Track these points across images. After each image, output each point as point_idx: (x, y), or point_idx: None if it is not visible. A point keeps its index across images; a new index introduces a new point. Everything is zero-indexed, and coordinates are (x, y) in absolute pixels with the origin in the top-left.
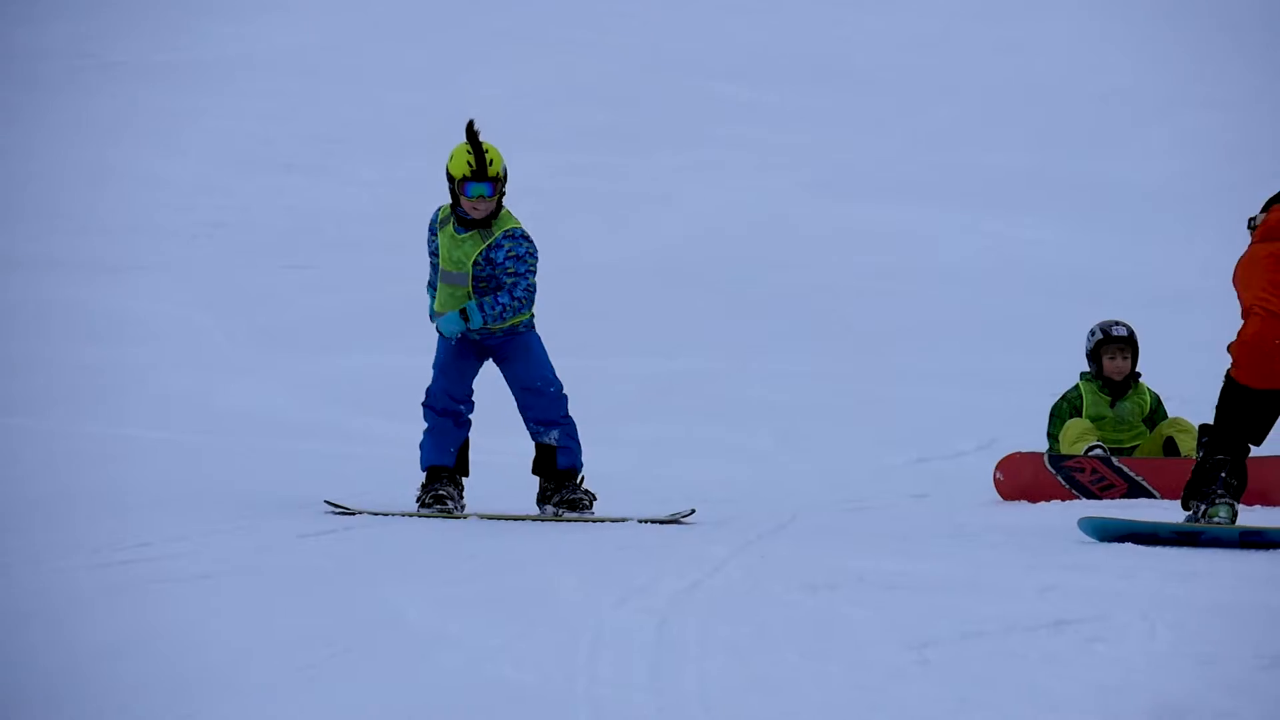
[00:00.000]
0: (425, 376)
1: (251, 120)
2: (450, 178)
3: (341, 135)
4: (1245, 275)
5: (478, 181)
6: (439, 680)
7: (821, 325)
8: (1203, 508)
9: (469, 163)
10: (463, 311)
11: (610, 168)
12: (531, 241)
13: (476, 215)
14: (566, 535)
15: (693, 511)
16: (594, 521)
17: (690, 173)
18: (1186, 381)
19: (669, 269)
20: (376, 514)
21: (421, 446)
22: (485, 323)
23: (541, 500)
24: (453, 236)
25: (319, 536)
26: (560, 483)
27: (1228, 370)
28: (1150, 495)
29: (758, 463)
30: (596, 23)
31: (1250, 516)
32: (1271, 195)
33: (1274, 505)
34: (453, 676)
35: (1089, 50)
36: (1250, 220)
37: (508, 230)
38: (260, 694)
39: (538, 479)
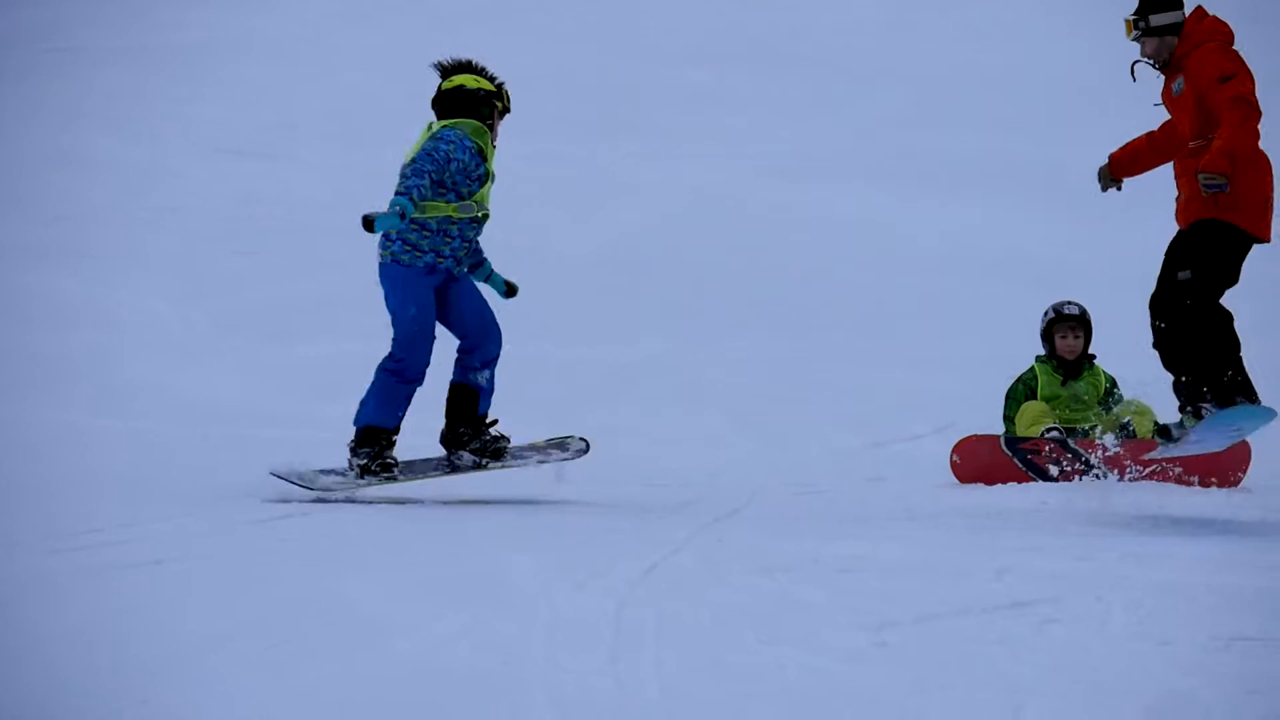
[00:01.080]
0: (375, 363)
1: (205, 105)
2: (493, 94)
3: (296, 120)
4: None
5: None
6: (393, 667)
7: (778, 309)
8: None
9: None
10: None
11: (568, 154)
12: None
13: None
14: (522, 518)
15: (585, 445)
16: (506, 467)
17: (648, 158)
18: (1144, 365)
19: (628, 255)
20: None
21: (365, 404)
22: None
23: (454, 444)
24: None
25: (272, 522)
26: (479, 428)
27: (1216, 225)
28: (1105, 478)
29: (714, 447)
30: (555, 9)
31: (1204, 498)
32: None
33: (1229, 486)
34: (407, 663)
35: (1047, 35)
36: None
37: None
38: (213, 680)
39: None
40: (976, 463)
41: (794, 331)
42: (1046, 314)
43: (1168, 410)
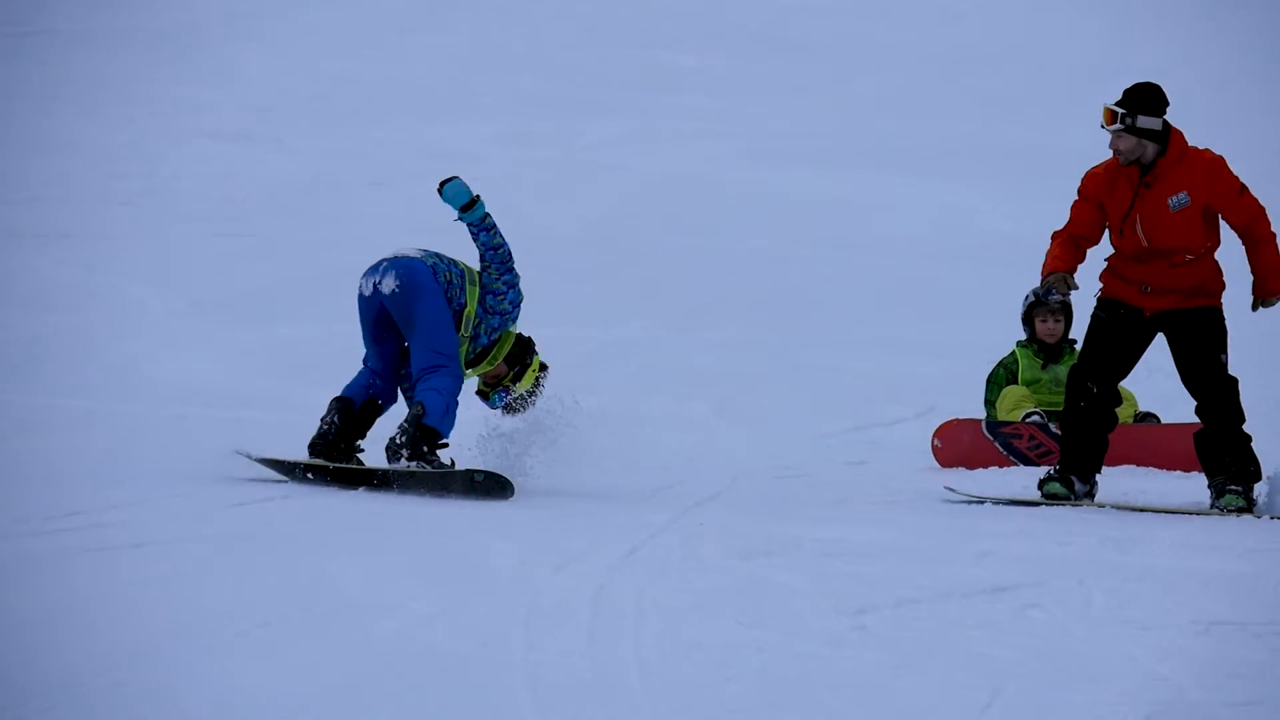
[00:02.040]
0: (354, 344)
1: (184, 88)
2: None
3: (273, 103)
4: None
5: None
6: (375, 649)
7: (759, 293)
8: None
9: None
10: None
11: (549, 136)
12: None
13: None
14: (502, 504)
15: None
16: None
17: (630, 141)
18: None
19: (606, 236)
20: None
21: (439, 411)
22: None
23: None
24: None
25: (253, 505)
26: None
27: (1218, 317)
28: None
29: (695, 431)
30: None
31: (1184, 483)
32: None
33: (1191, 470)
34: (389, 645)
35: (1030, 19)
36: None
37: None
38: (193, 663)
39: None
40: (958, 447)
41: (774, 315)
42: (1028, 297)
43: (1147, 398)
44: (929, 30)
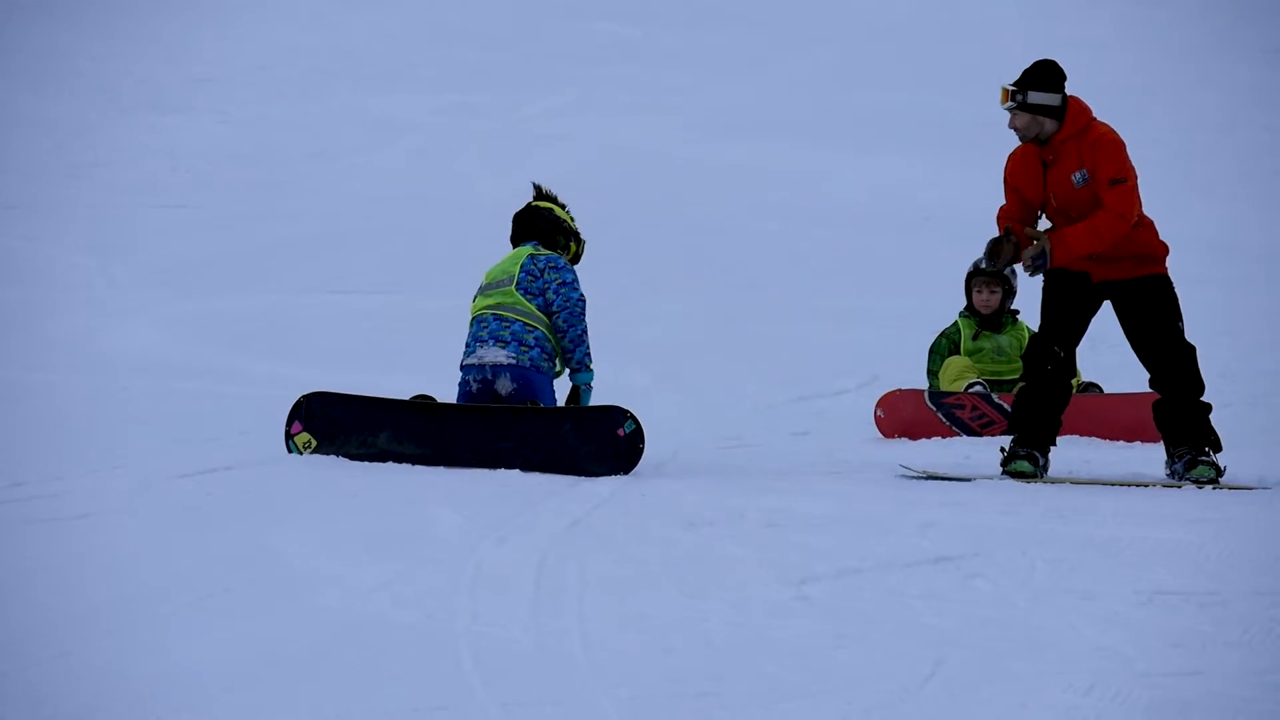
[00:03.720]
0: (303, 315)
1: (126, 60)
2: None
3: (215, 74)
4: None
5: None
6: (318, 619)
7: (702, 264)
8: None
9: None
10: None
11: (493, 107)
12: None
13: None
14: (445, 476)
15: None
16: None
17: (571, 113)
18: None
19: None
20: None
21: None
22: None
23: None
24: None
25: (198, 476)
26: None
27: (1168, 285)
28: None
29: (638, 401)
30: None
31: (1128, 453)
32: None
33: (1151, 441)
34: (332, 615)
35: None
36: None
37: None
38: (137, 634)
39: None
40: (901, 417)
41: (717, 286)
42: (969, 268)
43: (1091, 368)
44: (871, 2)
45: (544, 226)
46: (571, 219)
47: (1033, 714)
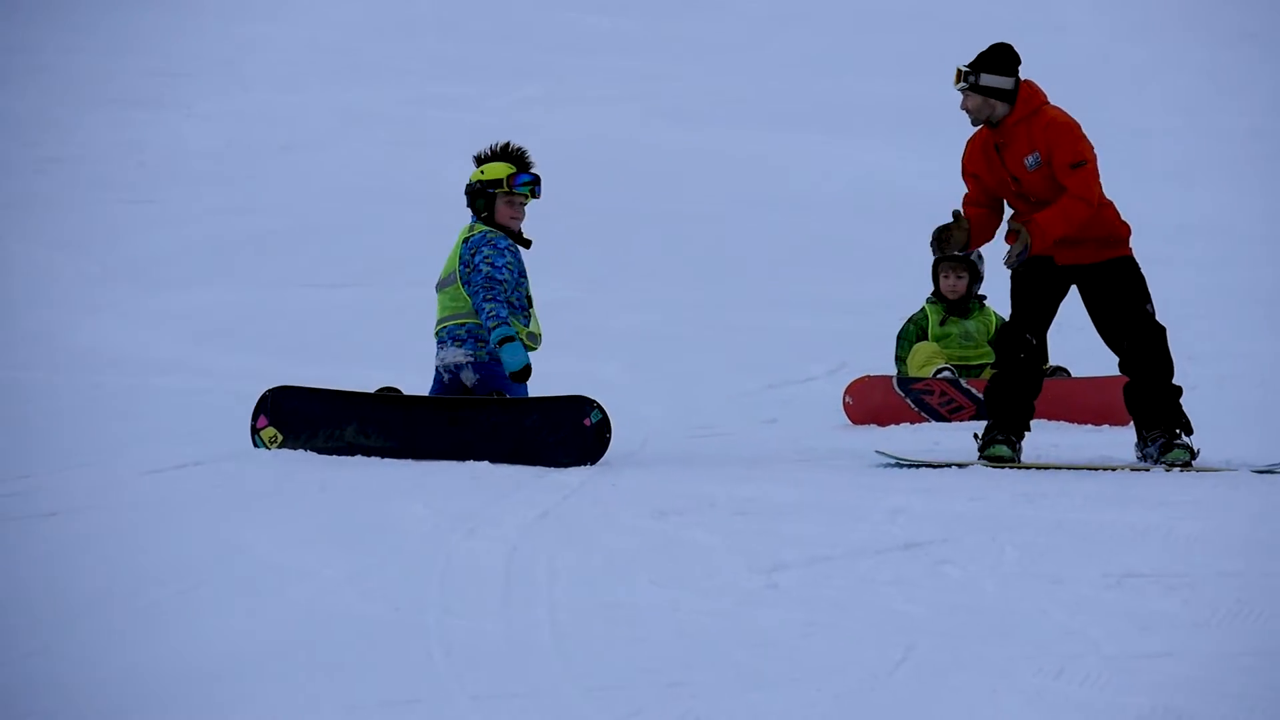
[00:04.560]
0: (272, 309)
1: (91, 54)
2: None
3: (181, 69)
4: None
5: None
6: (288, 613)
7: (674, 253)
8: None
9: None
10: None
11: (464, 98)
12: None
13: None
14: (413, 469)
15: None
16: None
17: (545, 102)
18: None
19: None
20: None
21: None
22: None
23: None
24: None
25: (167, 472)
26: None
27: (1134, 267)
28: None
29: (608, 390)
30: None
31: (1095, 437)
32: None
33: (1119, 425)
34: (302, 609)
35: None
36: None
37: None
38: (109, 630)
39: None
40: (869, 404)
41: (688, 274)
42: (935, 254)
43: (1058, 352)
44: None
45: (469, 201)
46: (481, 173)
47: (1003, 698)
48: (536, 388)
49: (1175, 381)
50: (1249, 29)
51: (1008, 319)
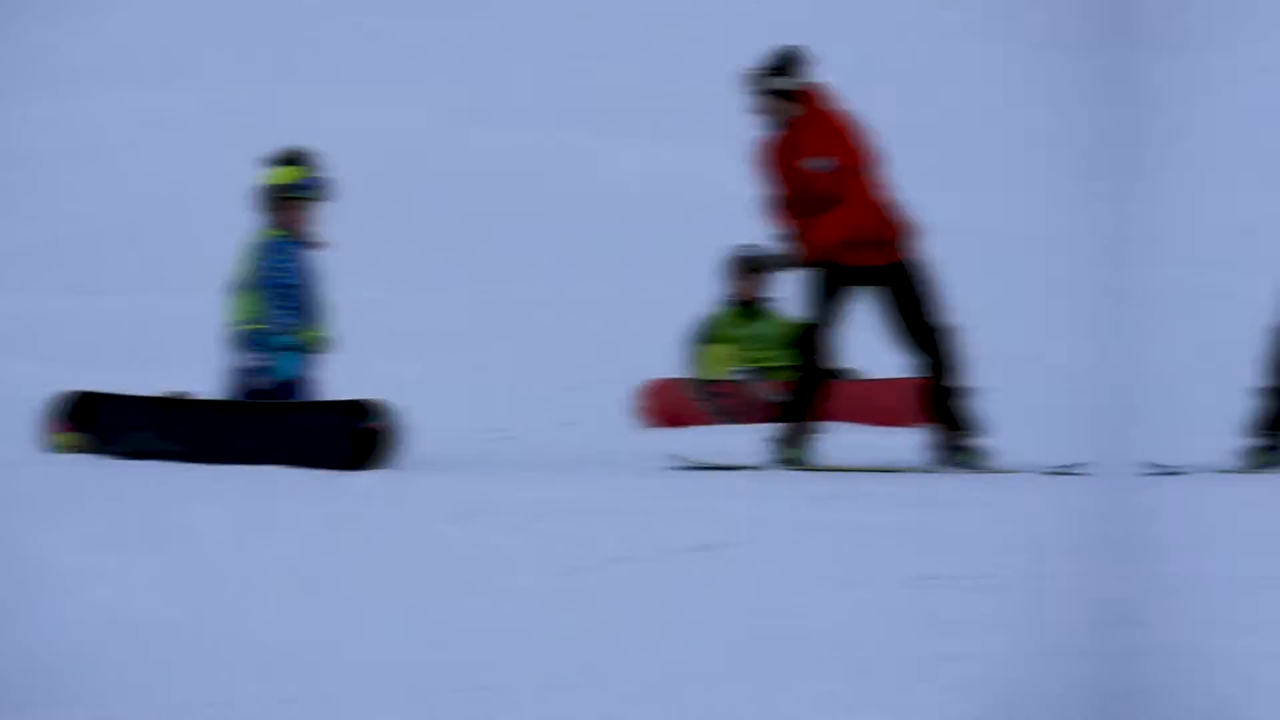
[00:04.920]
0: (56, 316)
1: None
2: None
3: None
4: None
5: None
6: (84, 616)
7: (466, 255)
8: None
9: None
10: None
11: (245, 103)
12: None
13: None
14: (206, 473)
15: None
16: None
17: (328, 105)
18: None
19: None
20: None
21: None
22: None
23: None
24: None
25: None
26: None
27: (923, 268)
28: None
29: (402, 393)
30: None
31: (889, 439)
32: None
33: (903, 426)
34: (99, 613)
35: None
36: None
37: None
38: None
39: None
40: (664, 406)
41: (484, 277)
42: (728, 257)
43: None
44: None
45: (258, 205)
46: (270, 177)
47: (793, 700)
48: (332, 391)
49: (966, 383)
50: (1039, 35)
51: (800, 321)
